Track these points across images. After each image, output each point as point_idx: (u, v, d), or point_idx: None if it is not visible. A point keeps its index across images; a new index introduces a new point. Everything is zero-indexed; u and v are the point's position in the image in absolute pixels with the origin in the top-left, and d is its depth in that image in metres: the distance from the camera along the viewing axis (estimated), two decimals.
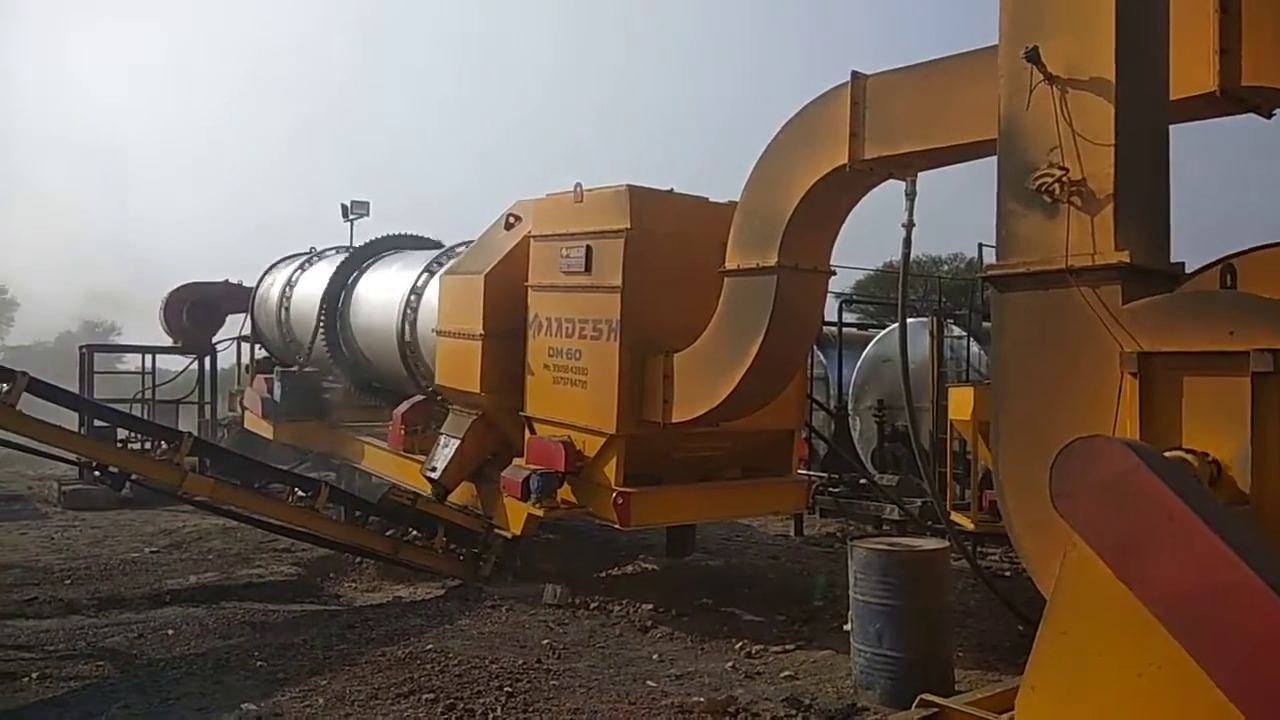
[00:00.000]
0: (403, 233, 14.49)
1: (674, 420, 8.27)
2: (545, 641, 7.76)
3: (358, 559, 10.24)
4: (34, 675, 6.75)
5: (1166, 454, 4.03)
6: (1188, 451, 4.12)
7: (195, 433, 10.54)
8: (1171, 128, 4.83)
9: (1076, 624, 4.00)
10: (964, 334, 12.96)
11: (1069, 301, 4.38)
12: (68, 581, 9.59)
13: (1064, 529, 3.99)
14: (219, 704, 6.23)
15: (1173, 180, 4.75)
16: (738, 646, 7.78)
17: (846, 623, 6.96)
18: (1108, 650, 3.91)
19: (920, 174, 6.23)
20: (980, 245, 12.84)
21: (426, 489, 10.18)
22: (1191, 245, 4.99)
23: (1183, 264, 4.82)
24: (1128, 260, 4.31)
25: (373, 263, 13.59)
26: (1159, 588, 3.65)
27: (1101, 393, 4.27)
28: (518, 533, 9.61)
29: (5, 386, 7.81)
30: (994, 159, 5.00)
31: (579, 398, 8.88)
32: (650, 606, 8.74)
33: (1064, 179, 4.40)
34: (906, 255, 5.89)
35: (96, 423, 12.00)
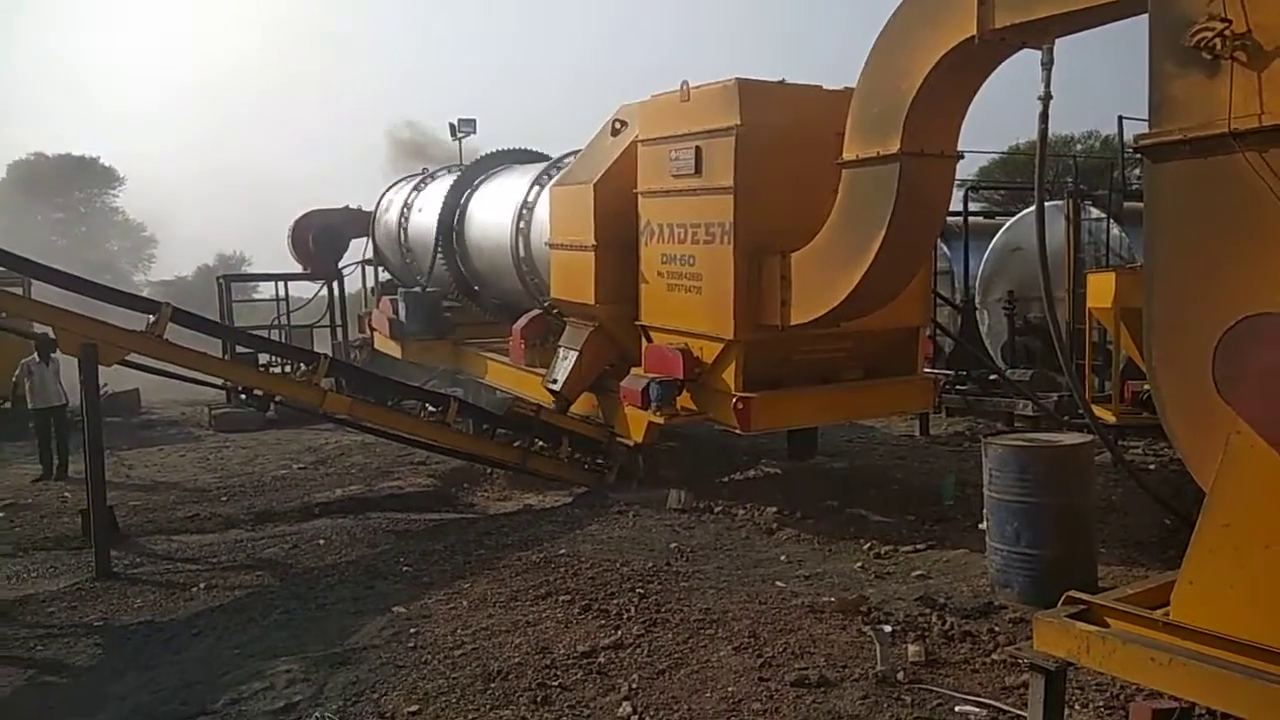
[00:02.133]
0: (510, 148, 14.49)
1: (793, 323, 8.09)
2: (673, 545, 7.88)
3: (488, 469, 10.59)
4: (201, 585, 7.30)
5: None
6: None
7: (330, 354, 10.97)
8: None
9: (1241, 515, 3.75)
10: (1103, 216, 12.16)
11: (1233, 169, 3.97)
12: (225, 498, 10.26)
13: (1227, 415, 3.71)
14: (371, 608, 6.60)
15: None
16: (866, 547, 7.73)
17: (980, 521, 6.79)
18: (1276, 543, 3.66)
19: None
20: (1120, 118, 11.94)
21: (549, 401, 10.36)
22: None
23: None
24: None
25: (484, 180, 13.67)
26: None
27: (1270, 269, 3.89)
28: (640, 440, 9.72)
29: (151, 318, 8.22)
30: (1141, 18, 4.54)
31: (695, 304, 8.78)
32: (775, 510, 8.74)
33: (1226, 32, 3.94)
34: (1044, 131, 5.44)
35: (239, 349, 12.66)
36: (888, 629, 5.70)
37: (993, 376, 12.66)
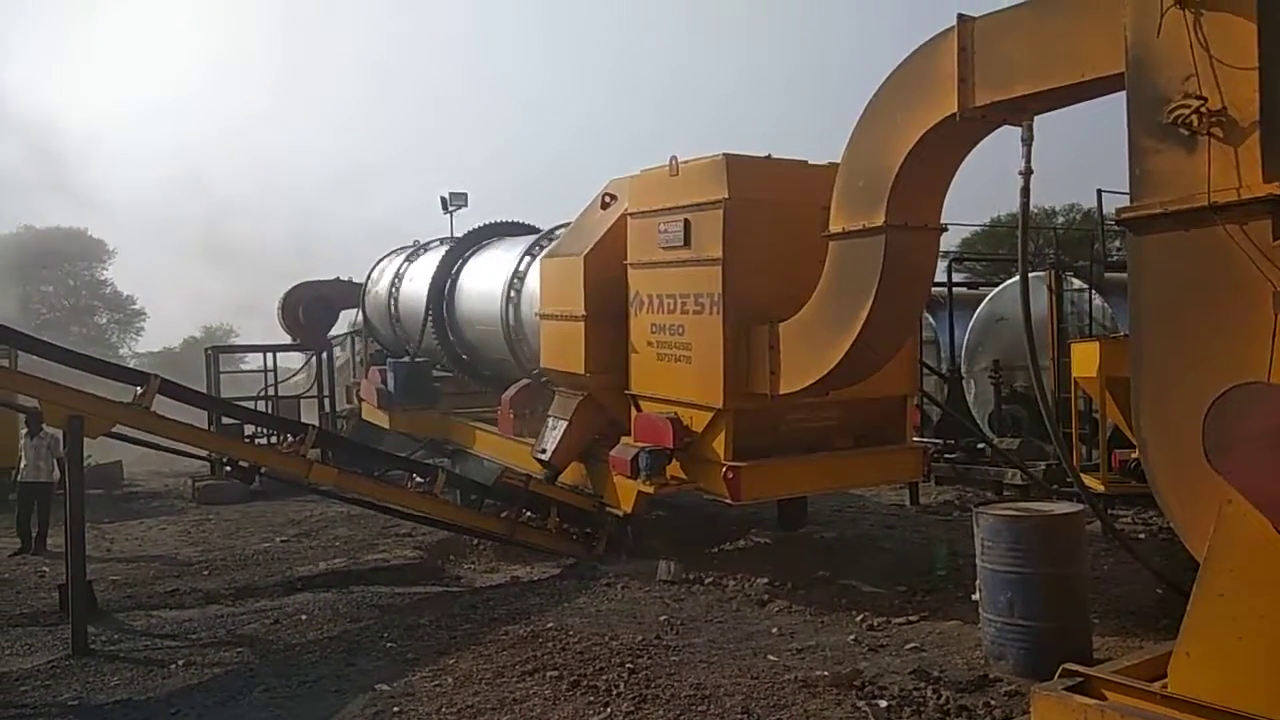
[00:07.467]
0: (501, 220, 14.67)
1: (782, 391, 8.11)
2: (663, 617, 7.76)
3: (475, 541, 10.45)
4: (180, 662, 7.11)
5: None
6: None
7: (317, 425, 10.89)
8: None
9: (1235, 585, 3.74)
10: (1084, 287, 12.35)
11: (1213, 241, 4.06)
12: (206, 572, 10.07)
13: (1218, 485, 3.73)
14: (353, 685, 6.44)
15: None
16: (859, 619, 7.63)
17: (973, 592, 6.73)
18: (1272, 612, 3.64)
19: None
20: (1100, 191, 12.22)
21: (538, 471, 10.29)
22: None
23: None
24: (1278, 192, 3.96)
25: (474, 252, 13.80)
26: None
27: (1253, 337, 3.95)
28: (629, 510, 9.63)
29: (139, 389, 8.17)
30: (1115, 96, 4.68)
31: (684, 373, 8.81)
32: (766, 580, 8.64)
33: (1202, 109, 4.07)
34: (1025, 204, 5.57)
35: (225, 420, 12.56)
36: (883, 704, 5.59)
37: (981, 445, 12.68)
